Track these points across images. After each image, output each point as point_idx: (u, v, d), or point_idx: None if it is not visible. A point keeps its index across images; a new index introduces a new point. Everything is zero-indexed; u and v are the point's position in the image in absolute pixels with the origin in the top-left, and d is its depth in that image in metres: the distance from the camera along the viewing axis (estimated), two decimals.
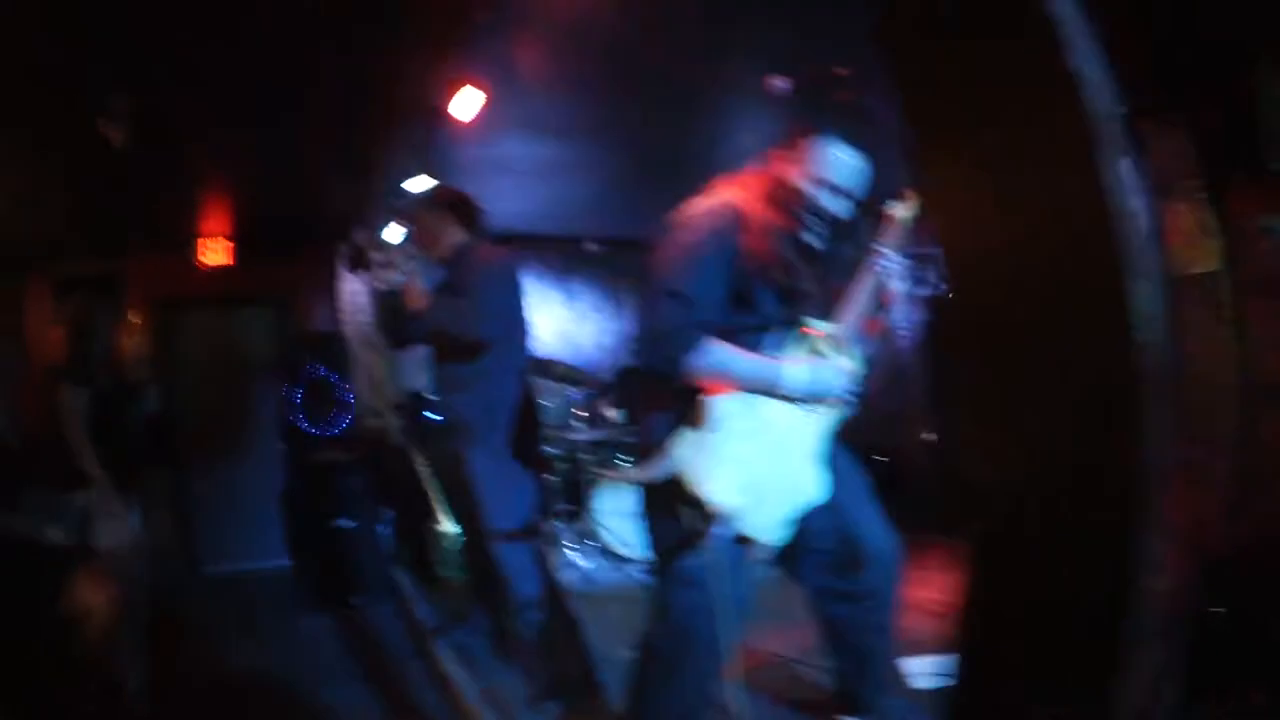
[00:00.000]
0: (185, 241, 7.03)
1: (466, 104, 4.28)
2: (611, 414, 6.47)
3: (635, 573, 5.44)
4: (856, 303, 2.41)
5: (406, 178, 5.31)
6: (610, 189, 6.57)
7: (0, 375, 3.58)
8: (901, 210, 2.45)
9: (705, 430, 2.22)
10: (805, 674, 3.44)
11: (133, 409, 4.21)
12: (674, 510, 2.27)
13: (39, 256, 6.88)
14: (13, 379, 6.23)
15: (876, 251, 2.45)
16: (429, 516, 5.59)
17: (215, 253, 7.09)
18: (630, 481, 2.37)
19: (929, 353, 6.13)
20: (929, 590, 3.91)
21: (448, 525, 5.45)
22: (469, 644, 4.19)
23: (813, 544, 2.50)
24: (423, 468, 5.65)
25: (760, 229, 2.32)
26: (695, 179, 2.53)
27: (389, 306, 3.75)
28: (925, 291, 2.48)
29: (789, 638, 3.49)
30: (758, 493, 2.25)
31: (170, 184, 5.77)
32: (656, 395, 2.38)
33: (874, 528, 2.59)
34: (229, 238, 7.10)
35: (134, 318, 4.31)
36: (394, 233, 6.36)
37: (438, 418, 6.31)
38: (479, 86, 4.23)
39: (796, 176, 2.36)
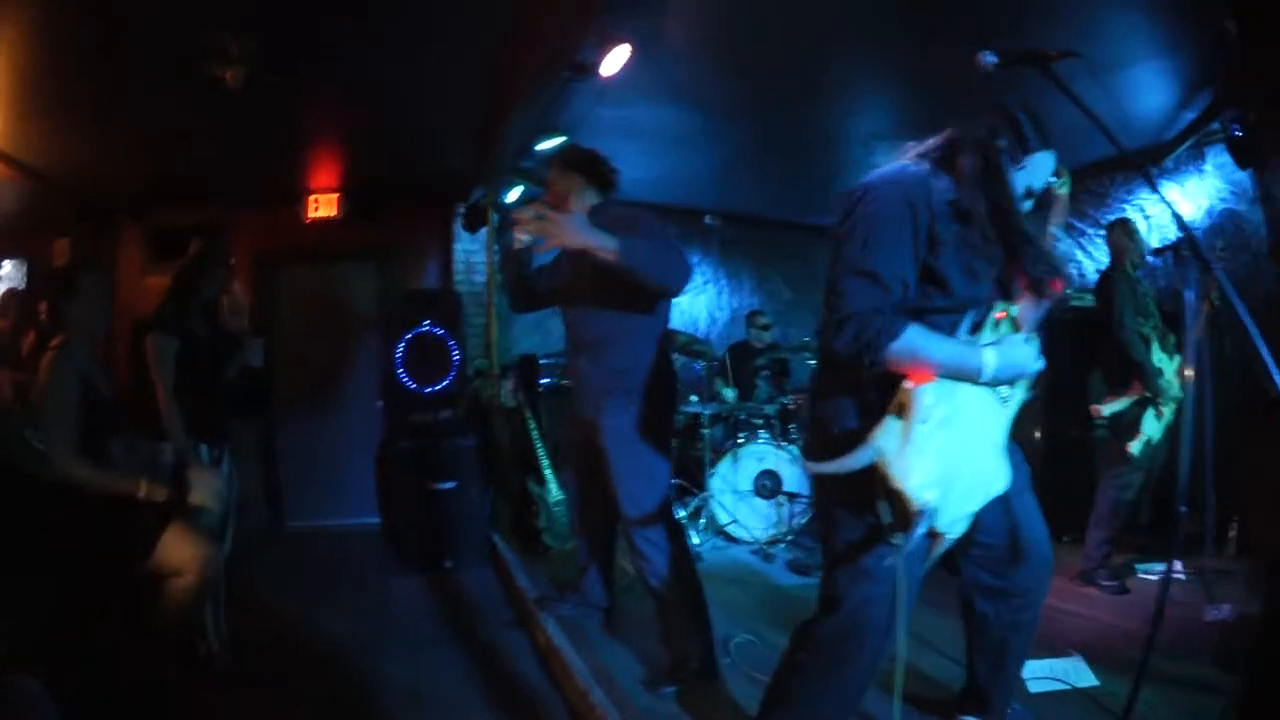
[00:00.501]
0: (293, 195, 7.05)
1: (613, 61, 4.14)
2: (726, 390, 6.38)
3: (746, 553, 5.35)
4: (1033, 282, 2.28)
5: (537, 137, 5.20)
6: (734, 164, 6.45)
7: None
8: (1063, 187, 2.39)
9: (910, 420, 2.06)
10: (924, 668, 3.34)
11: (230, 361, 4.10)
12: (867, 502, 2.14)
13: (137, 205, 7.04)
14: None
15: (1049, 229, 2.36)
16: (535, 481, 5.60)
17: (322, 207, 7.09)
18: (823, 471, 2.16)
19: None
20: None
21: (554, 491, 5.43)
22: (576, 618, 4.08)
23: (977, 537, 2.40)
24: (532, 431, 5.60)
25: (953, 203, 2.18)
26: (819, 161, 2.41)
27: (518, 264, 3.65)
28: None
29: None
30: (952, 485, 2.11)
31: (281, 136, 5.76)
32: (841, 380, 2.25)
33: (1033, 523, 2.48)
34: (337, 192, 7.08)
35: (235, 268, 4.16)
36: (519, 192, 6.36)
37: (550, 380, 6.40)
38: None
39: (984, 151, 2.20)
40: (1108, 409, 4.57)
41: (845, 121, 5.61)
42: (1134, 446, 4.46)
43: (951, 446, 2.10)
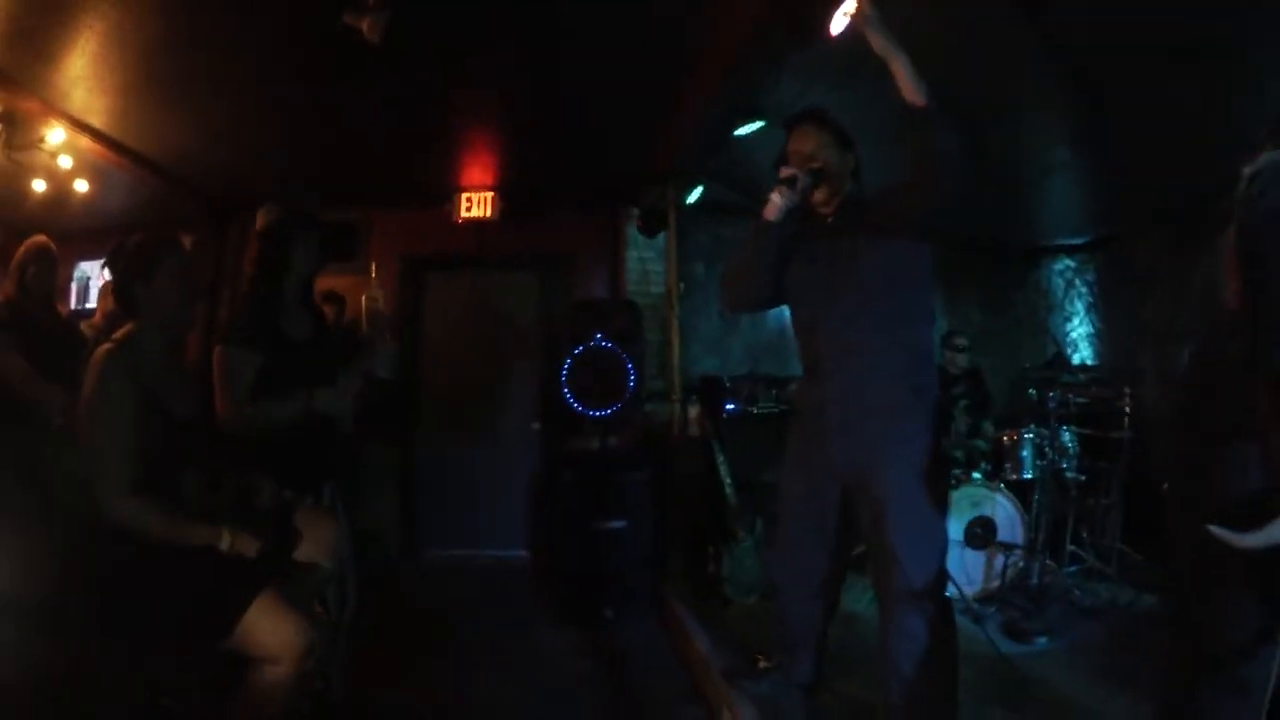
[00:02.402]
0: (444, 193, 6.78)
1: (841, 16, 3.54)
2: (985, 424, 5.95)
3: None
4: None
5: (732, 124, 4.80)
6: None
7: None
8: None
9: None
10: None
11: (346, 374, 3.33)
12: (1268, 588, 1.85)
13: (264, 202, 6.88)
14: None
15: None
16: (719, 524, 5.15)
17: (476, 206, 6.79)
18: (1248, 543, 1.74)
19: None
20: None
21: (741, 533, 5.03)
22: (775, 697, 3.43)
23: None
24: (720, 465, 5.11)
25: None
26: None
27: (771, 236, 3.10)
28: None
29: None
30: None
31: (432, 125, 5.48)
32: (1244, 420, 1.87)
33: None
34: (492, 190, 6.78)
35: (373, 273, 3.55)
36: (699, 193, 5.93)
37: (735, 406, 5.90)
38: None
39: None
40: None
41: (1036, 134, 5.21)
42: None
43: None
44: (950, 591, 4.48)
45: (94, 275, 6.86)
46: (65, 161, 4.99)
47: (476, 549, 6.84)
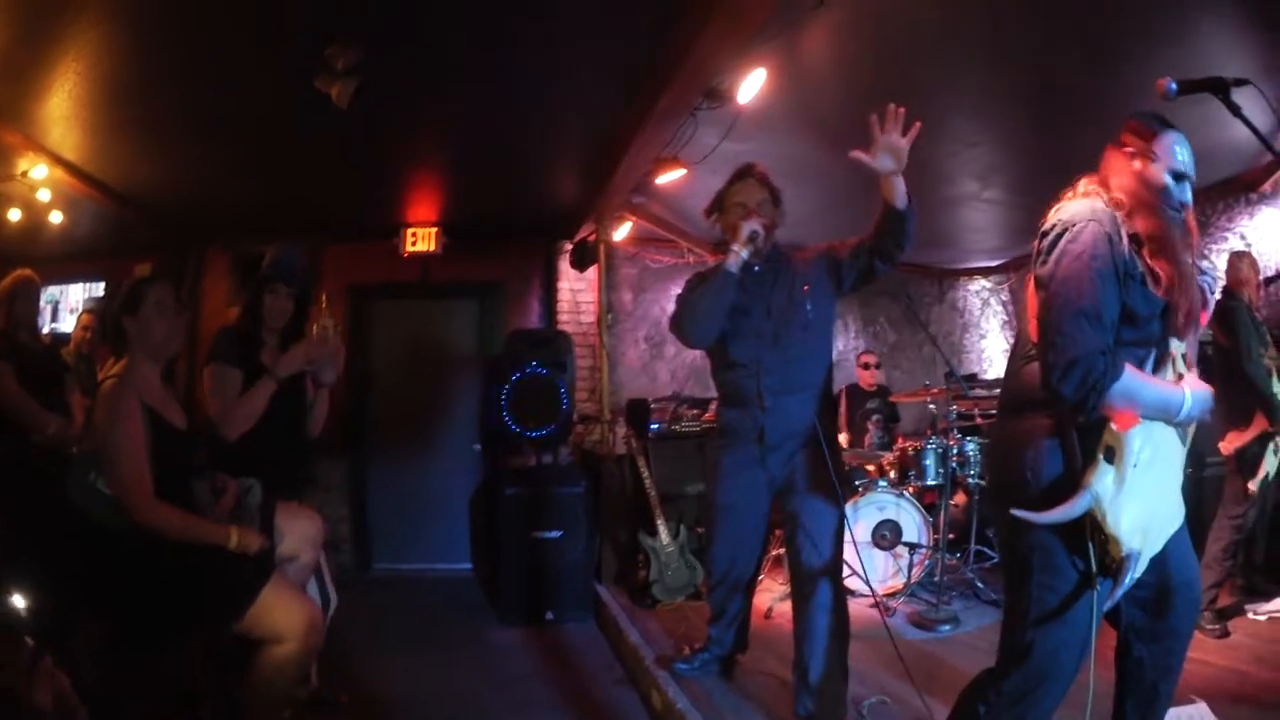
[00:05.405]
0: (390, 228, 7.18)
1: (749, 86, 4.16)
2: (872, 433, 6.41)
3: (864, 607, 5.22)
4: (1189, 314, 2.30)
5: (655, 170, 5.23)
6: (840, 200, 6.36)
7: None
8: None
9: (1122, 464, 2.11)
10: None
11: (314, 397, 3.92)
12: (1071, 548, 2.21)
13: (226, 233, 7.21)
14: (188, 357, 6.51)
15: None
16: (646, 531, 5.58)
17: (420, 240, 7.21)
18: (1045, 520, 2.18)
19: None
20: None
21: (666, 540, 5.42)
22: (696, 675, 4.00)
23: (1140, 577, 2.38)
24: (645, 479, 5.58)
25: (1147, 234, 2.24)
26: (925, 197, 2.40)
27: (731, 280, 3.54)
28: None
29: None
30: (1150, 528, 2.18)
31: (380, 166, 5.84)
32: (1042, 423, 2.28)
33: (1187, 562, 2.46)
34: (436, 226, 7.20)
35: (324, 299, 4.02)
36: (628, 229, 6.36)
37: (658, 425, 6.37)
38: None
39: (1157, 173, 2.29)
40: (1233, 445, 4.52)
41: (962, 154, 5.55)
42: (1255, 484, 4.42)
43: (1152, 488, 2.17)
44: (861, 588, 5.13)
45: (62, 298, 7.20)
46: (44, 195, 5.31)
47: (425, 563, 7.22)
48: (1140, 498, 2.12)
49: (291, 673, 2.97)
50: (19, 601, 3.01)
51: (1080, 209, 2.28)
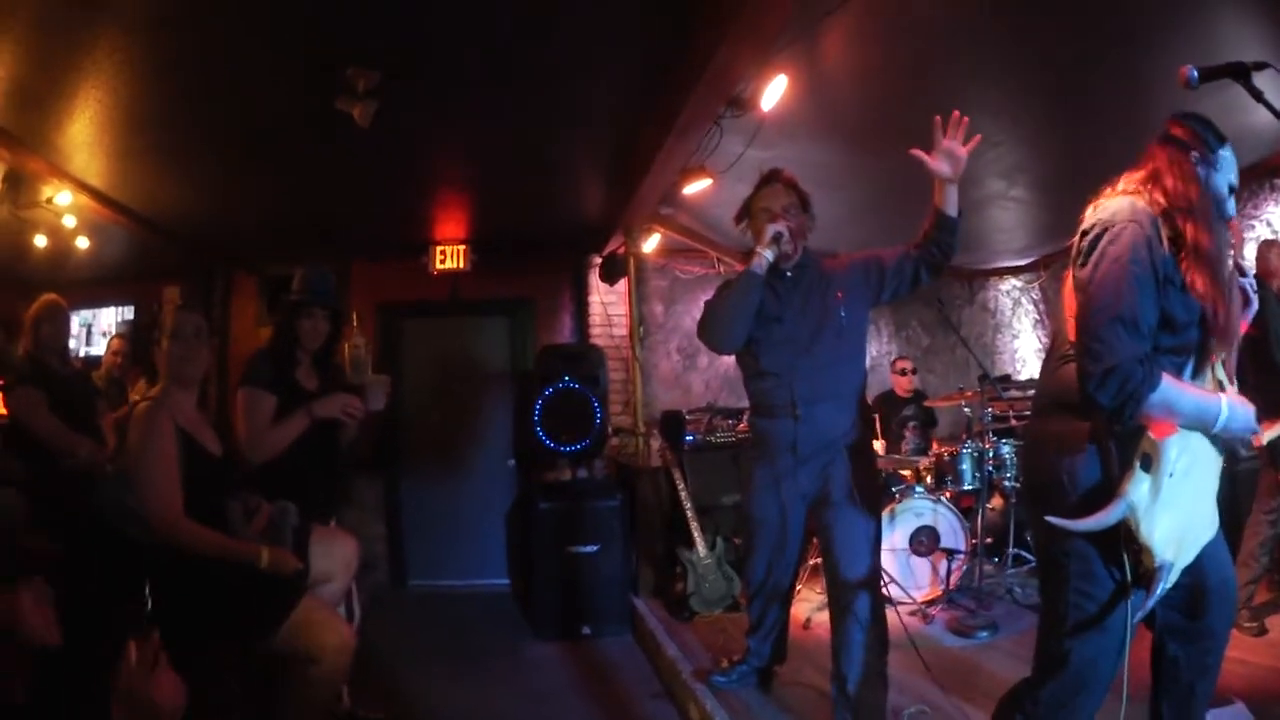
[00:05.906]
0: (419, 246, 7.24)
1: (771, 94, 4.14)
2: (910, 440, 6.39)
3: (903, 615, 5.20)
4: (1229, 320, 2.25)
5: (682, 181, 5.23)
6: (869, 205, 6.38)
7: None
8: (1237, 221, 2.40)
9: (1158, 473, 2.09)
10: None
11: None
12: (1107, 557, 2.20)
13: (254, 255, 7.29)
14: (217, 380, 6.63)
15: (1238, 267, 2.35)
16: (683, 544, 5.59)
17: (449, 259, 7.25)
18: (1080, 528, 2.17)
19: None
20: None
21: (704, 552, 5.43)
22: (734, 689, 3.99)
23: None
24: (680, 491, 5.58)
25: (1195, 242, 2.18)
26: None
27: (757, 284, 3.55)
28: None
29: None
30: (1185, 537, 2.17)
31: (407, 185, 5.87)
32: (1079, 431, 2.26)
33: (1223, 563, 2.44)
34: (464, 243, 7.25)
35: (354, 319, 4.04)
36: (656, 240, 6.37)
37: (693, 437, 6.38)
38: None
39: (1220, 184, 2.27)
40: (1267, 437, 4.39)
41: (986, 153, 5.43)
42: None
43: (1187, 498, 2.15)
44: (899, 595, 5.11)
45: (94, 322, 7.32)
46: (70, 221, 5.35)
47: (461, 579, 7.25)
48: (1175, 508, 2.11)
49: (324, 692, 3.05)
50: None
51: (1121, 208, 2.24)
